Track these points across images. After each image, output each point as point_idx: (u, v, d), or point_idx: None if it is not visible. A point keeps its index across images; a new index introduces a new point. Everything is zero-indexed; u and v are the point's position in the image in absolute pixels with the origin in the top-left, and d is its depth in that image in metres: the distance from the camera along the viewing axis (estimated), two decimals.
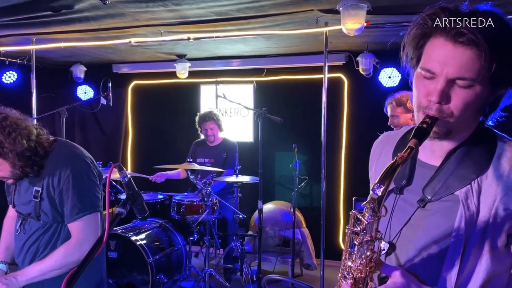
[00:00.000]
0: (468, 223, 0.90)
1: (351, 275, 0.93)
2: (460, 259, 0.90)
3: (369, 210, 0.86)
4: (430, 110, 0.91)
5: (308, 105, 4.56)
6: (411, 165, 1.04)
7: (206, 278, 3.52)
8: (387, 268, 0.93)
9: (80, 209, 1.62)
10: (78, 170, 1.65)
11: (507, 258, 0.92)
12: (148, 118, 5.39)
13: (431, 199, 0.96)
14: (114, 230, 3.33)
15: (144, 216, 1.27)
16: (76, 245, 1.63)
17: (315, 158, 3.64)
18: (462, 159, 0.95)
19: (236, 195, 3.88)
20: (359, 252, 0.91)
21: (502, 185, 0.89)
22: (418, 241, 0.97)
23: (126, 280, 3.18)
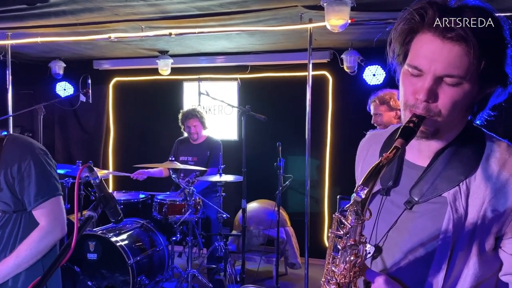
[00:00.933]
0: (456, 225, 0.87)
1: (335, 280, 0.90)
2: (447, 263, 0.87)
3: (353, 214, 0.82)
4: (417, 108, 0.87)
5: (293, 103, 4.52)
6: (398, 165, 1.01)
7: (188, 279, 3.45)
8: (371, 274, 0.90)
9: (45, 193, 1.64)
10: (37, 156, 1.66)
11: (495, 262, 0.89)
12: (130, 115, 5.28)
13: (418, 200, 0.93)
14: (94, 231, 3.24)
15: (118, 219, 1.20)
16: (49, 227, 1.64)
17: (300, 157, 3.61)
18: (450, 160, 0.92)
19: (219, 194, 3.82)
20: (342, 256, 0.87)
21: (490, 187, 0.86)
22: (405, 244, 0.94)
23: (106, 282, 3.10)
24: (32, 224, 1.67)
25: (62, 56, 4.90)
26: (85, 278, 3.08)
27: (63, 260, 0.97)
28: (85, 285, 3.08)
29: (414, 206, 0.94)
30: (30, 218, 1.68)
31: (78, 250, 3.12)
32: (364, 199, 0.79)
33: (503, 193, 0.85)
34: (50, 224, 1.65)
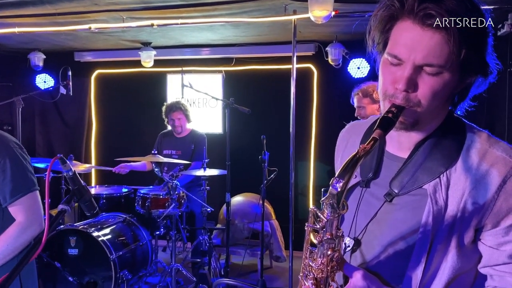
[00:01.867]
0: (436, 218, 0.85)
1: (312, 275, 0.88)
2: (426, 255, 0.86)
3: (328, 207, 0.79)
4: (396, 98, 0.85)
5: (278, 95, 4.50)
6: (378, 157, 0.99)
7: (172, 273, 3.42)
8: (349, 269, 0.88)
9: (22, 188, 1.60)
10: (12, 150, 1.61)
11: (474, 255, 0.88)
12: (113, 108, 5.19)
13: (398, 193, 0.91)
14: (75, 225, 3.18)
15: (93, 213, 1.17)
16: (27, 223, 1.60)
17: (285, 150, 3.59)
18: (431, 151, 0.90)
19: (204, 188, 3.79)
20: (319, 251, 0.85)
21: (470, 178, 0.85)
22: (384, 237, 0.92)
23: (88, 278, 3.05)
24: (8, 220, 1.62)
25: (41, 48, 4.78)
26: (66, 273, 3.02)
27: (34, 255, 0.93)
28: (66, 281, 3.02)
29: (394, 198, 0.92)
30: (5, 214, 1.63)
31: (59, 245, 3.06)
32: (340, 192, 0.77)
33: (483, 185, 0.83)
34: (27, 220, 1.61)
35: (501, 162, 0.84)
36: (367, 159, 0.99)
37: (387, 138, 0.99)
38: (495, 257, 0.85)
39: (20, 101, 3.66)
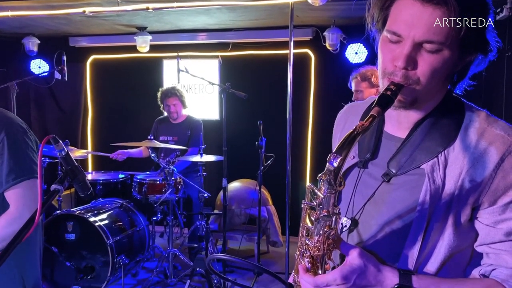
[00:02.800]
0: (433, 197, 0.85)
1: (308, 252, 0.88)
2: (423, 234, 0.86)
3: (325, 183, 0.78)
4: (395, 76, 0.84)
5: (275, 81, 4.46)
6: (376, 137, 0.98)
7: (170, 258, 3.44)
8: (346, 247, 0.88)
9: (18, 174, 1.49)
10: (13, 133, 1.52)
11: (470, 234, 0.88)
12: (109, 94, 5.15)
13: (396, 173, 0.91)
14: (72, 211, 3.18)
15: (87, 193, 1.15)
16: (17, 214, 1.50)
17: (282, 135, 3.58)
18: (429, 131, 0.90)
19: (200, 173, 3.78)
20: (316, 228, 0.85)
21: (468, 157, 0.84)
22: (382, 217, 0.92)
23: (85, 263, 3.06)
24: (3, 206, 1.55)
25: (36, 32, 4.71)
26: (64, 259, 3.03)
27: (26, 235, 0.92)
28: (63, 266, 3.03)
29: (392, 178, 0.92)
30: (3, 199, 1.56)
31: (56, 230, 3.06)
32: (337, 168, 0.76)
33: (481, 163, 0.83)
34: (19, 209, 1.51)
35: (499, 141, 0.83)
36: (365, 139, 0.98)
37: (385, 118, 0.98)
38: (492, 235, 0.85)
39: (15, 86, 3.61)
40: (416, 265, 0.87)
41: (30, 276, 1.67)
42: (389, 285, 0.85)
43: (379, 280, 0.85)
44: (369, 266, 0.85)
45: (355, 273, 0.84)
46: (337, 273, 0.84)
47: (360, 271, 0.84)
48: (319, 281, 0.85)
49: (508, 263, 0.84)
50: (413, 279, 0.85)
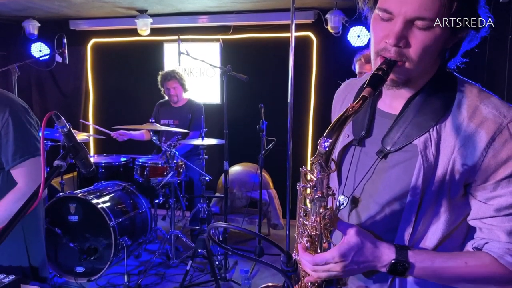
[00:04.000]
0: (426, 174, 0.86)
1: (307, 232, 0.90)
2: (416, 211, 0.87)
3: (318, 166, 0.79)
4: (388, 52, 0.84)
5: (276, 64, 4.44)
6: (370, 115, 0.99)
7: (172, 240, 3.48)
8: (343, 225, 0.90)
9: (24, 152, 1.55)
10: (16, 113, 1.57)
11: (465, 208, 0.90)
12: (110, 78, 5.13)
13: (390, 149, 0.91)
14: (74, 193, 3.21)
15: (89, 170, 1.16)
16: (27, 189, 1.56)
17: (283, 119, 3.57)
18: (421, 106, 0.90)
19: (202, 157, 3.80)
20: (312, 209, 0.86)
21: (460, 135, 0.85)
22: (378, 195, 0.94)
23: (88, 244, 3.10)
24: (10, 183, 1.61)
25: (36, 15, 4.68)
26: (67, 240, 3.07)
27: (29, 209, 0.93)
28: (67, 247, 3.08)
29: (388, 155, 0.92)
30: (9, 177, 1.61)
31: (59, 212, 3.09)
32: (328, 151, 0.76)
33: (472, 141, 0.84)
34: (28, 186, 1.57)
35: (491, 119, 0.84)
36: (359, 117, 0.99)
37: (378, 95, 0.99)
38: (483, 211, 0.86)
39: (16, 69, 3.61)
40: (411, 241, 0.89)
41: (35, 251, 1.71)
42: (386, 260, 0.87)
43: (377, 256, 0.87)
44: (366, 243, 0.87)
45: (353, 250, 0.86)
46: (335, 251, 0.86)
47: (357, 248, 0.86)
48: (318, 259, 0.87)
49: (500, 238, 0.85)
50: (409, 254, 0.87)
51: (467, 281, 0.87)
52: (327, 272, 0.87)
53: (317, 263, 0.87)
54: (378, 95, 0.99)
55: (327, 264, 0.86)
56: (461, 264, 0.86)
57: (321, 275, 0.89)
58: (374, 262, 0.88)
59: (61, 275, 3.11)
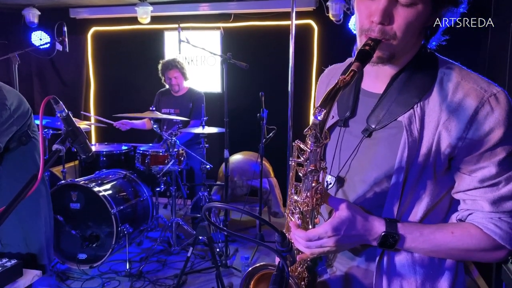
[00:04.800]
0: (411, 148, 0.88)
1: (298, 209, 0.91)
2: (402, 185, 0.89)
3: (311, 137, 0.80)
4: (372, 32, 0.86)
5: (277, 52, 4.42)
6: (355, 95, 1.01)
7: (173, 228, 3.51)
8: (334, 201, 0.91)
9: None
10: None
11: (448, 182, 0.92)
12: (110, 66, 5.13)
13: (375, 127, 0.94)
14: (76, 181, 3.23)
15: (88, 155, 1.17)
16: None
17: (284, 108, 3.57)
18: (405, 84, 0.92)
19: (203, 145, 3.81)
20: (304, 184, 0.87)
21: (444, 110, 0.87)
22: (365, 173, 0.95)
23: (90, 231, 3.13)
24: None
25: (36, 4, 4.66)
26: (69, 227, 3.10)
27: (29, 192, 0.94)
28: (69, 234, 3.11)
29: (372, 133, 0.94)
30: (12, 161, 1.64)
31: (61, 200, 3.12)
32: (322, 121, 0.77)
33: (455, 116, 0.86)
34: None
35: (473, 94, 0.86)
36: (344, 98, 1.02)
37: (362, 76, 1.01)
38: (467, 183, 0.89)
39: (16, 57, 3.61)
40: (398, 215, 0.91)
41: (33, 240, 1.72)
42: (376, 233, 0.89)
43: (367, 229, 0.89)
44: (357, 217, 0.89)
45: (345, 224, 0.88)
46: (327, 225, 0.88)
47: (349, 222, 0.88)
48: (311, 235, 0.89)
49: (484, 208, 0.88)
50: (399, 226, 0.89)
51: (454, 250, 0.90)
52: (320, 247, 0.89)
53: (311, 238, 0.88)
54: (361, 77, 1.01)
55: (320, 239, 0.88)
56: (447, 233, 0.89)
57: (314, 251, 0.91)
58: (365, 235, 0.90)
59: (63, 262, 3.15)
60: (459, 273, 0.96)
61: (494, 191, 0.87)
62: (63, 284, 2.96)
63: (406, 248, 0.91)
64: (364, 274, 0.98)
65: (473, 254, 0.91)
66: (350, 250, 0.99)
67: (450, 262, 0.95)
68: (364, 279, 0.98)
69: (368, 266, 0.97)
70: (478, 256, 0.91)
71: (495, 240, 0.87)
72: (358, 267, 0.99)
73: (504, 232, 0.87)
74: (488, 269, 2.40)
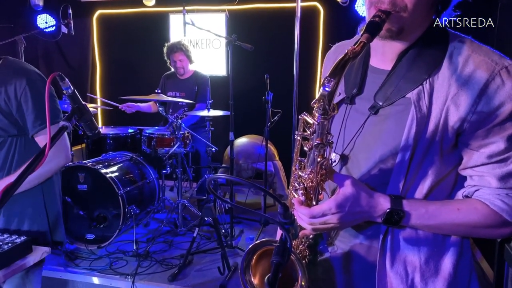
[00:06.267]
0: (419, 124, 0.87)
1: (302, 185, 0.90)
2: (408, 162, 0.88)
3: (319, 110, 0.78)
4: (382, 3, 0.84)
5: (282, 35, 4.39)
6: (363, 72, 0.98)
7: (179, 209, 3.55)
8: (339, 177, 0.90)
9: (44, 119, 1.59)
10: (34, 82, 1.59)
11: (455, 158, 0.91)
12: (116, 49, 5.13)
13: (383, 104, 0.92)
14: (83, 162, 3.27)
15: (95, 132, 1.19)
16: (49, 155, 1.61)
17: (289, 91, 3.56)
18: (414, 60, 0.90)
19: (208, 128, 3.82)
20: (309, 159, 0.86)
21: (453, 84, 0.85)
22: (370, 149, 0.94)
23: (97, 212, 3.17)
24: (28, 149, 1.67)
25: None
26: (77, 208, 3.15)
27: (37, 166, 0.96)
28: (77, 215, 3.16)
29: (379, 110, 0.93)
30: (27, 142, 1.67)
31: (68, 181, 3.16)
32: (331, 92, 0.76)
33: (465, 89, 0.84)
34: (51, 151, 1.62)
35: (483, 67, 0.84)
36: (351, 75, 1.00)
37: (370, 52, 0.99)
38: (475, 159, 0.87)
39: (22, 40, 3.62)
40: (403, 192, 0.90)
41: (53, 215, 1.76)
42: (381, 210, 0.88)
43: (372, 206, 0.88)
44: (362, 194, 0.88)
45: (349, 201, 0.87)
46: (331, 202, 0.87)
47: (353, 198, 0.87)
48: (315, 212, 0.88)
49: (491, 183, 0.87)
50: (404, 202, 0.88)
51: (459, 226, 0.89)
52: (324, 224, 0.88)
53: (314, 215, 0.88)
54: (369, 54, 0.99)
55: (324, 216, 0.87)
56: (453, 209, 0.88)
57: (318, 228, 0.90)
58: (369, 212, 0.89)
59: (72, 242, 3.21)
60: (464, 252, 0.95)
61: (502, 167, 0.85)
62: (72, 263, 3.02)
63: (411, 225, 0.89)
64: (367, 252, 0.97)
65: (479, 231, 0.90)
66: (353, 227, 0.97)
67: (454, 240, 0.93)
68: (367, 257, 0.97)
69: (372, 243, 0.96)
70: (484, 232, 0.90)
71: (501, 216, 0.86)
72: (361, 245, 0.98)
73: (511, 208, 0.85)
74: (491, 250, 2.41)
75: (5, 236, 1.55)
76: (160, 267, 2.98)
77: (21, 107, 1.59)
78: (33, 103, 1.59)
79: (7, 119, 1.61)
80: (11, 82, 1.57)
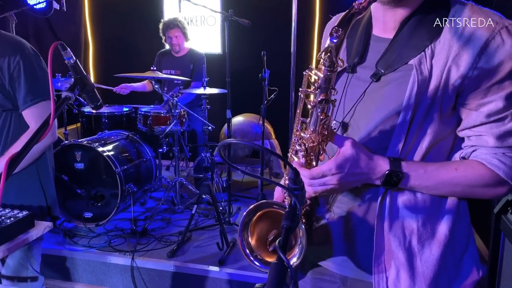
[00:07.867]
0: (420, 87, 0.87)
1: (303, 146, 0.90)
2: (408, 124, 0.88)
3: (326, 62, 0.77)
4: None
5: (279, 12, 4.34)
6: (365, 41, 0.99)
7: (176, 187, 3.56)
8: (339, 139, 0.91)
9: (35, 95, 1.58)
10: (27, 57, 1.58)
11: (453, 121, 0.92)
12: (109, 27, 5.03)
13: (385, 72, 0.92)
14: (80, 141, 3.24)
15: (97, 104, 1.18)
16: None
17: (286, 68, 3.54)
18: (416, 27, 0.91)
19: (204, 107, 3.80)
20: (312, 117, 0.86)
21: (454, 45, 0.86)
22: (371, 114, 0.94)
23: (95, 191, 3.17)
24: (24, 123, 1.65)
25: None
26: (75, 186, 3.14)
27: (41, 137, 0.95)
28: (75, 194, 3.15)
29: (381, 77, 0.93)
30: (22, 117, 1.65)
31: (65, 160, 3.14)
32: (338, 43, 0.75)
33: (465, 49, 0.84)
34: None
35: (484, 27, 0.84)
36: (353, 45, 1.00)
37: (372, 22, 0.99)
38: (474, 118, 0.89)
39: (13, 16, 3.54)
40: (402, 154, 0.91)
41: (49, 190, 1.76)
42: (380, 172, 0.90)
43: (371, 167, 0.90)
44: (361, 155, 0.89)
45: (349, 162, 0.88)
46: (331, 163, 0.88)
47: (353, 160, 0.88)
48: (315, 173, 0.89)
49: (488, 143, 0.88)
50: (403, 164, 0.90)
51: (457, 186, 0.90)
52: (324, 185, 0.90)
53: (314, 176, 0.89)
54: (371, 24, 0.99)
55: (323, 177, 0.88)
56: (451, 170, 0.90)
57: (317, 189, 0.91)
58: (369, 173, 0.90)
59: (70, 220, 3.22)
60: (461, 215, 0.97)
61: (500, 126, 0.86)
62: (70, 241, 3.04)
63: (410, 186, 0.91)
64: (365, 216, 0.98)
65: (476, 190, 0.91)
66: (351, 191, 0.99)
67: (451, 203, 0.95)
68: (365, 221, 0.98)
69: (370, 207, 0.97)
70: (480, 192, 0.91)
71: (498, 175, 0.88)
72: (359, 208, 0.99)
73: (507, 167, 0.87)
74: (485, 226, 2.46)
75: (7, 210, 1.55)
76: (159, 244, 3.00)
77: (13, 80, 1.57)
78: (25, 78, 1.57)
79: (1, 93, 1.59)
80: (5, 54, 1.55)
